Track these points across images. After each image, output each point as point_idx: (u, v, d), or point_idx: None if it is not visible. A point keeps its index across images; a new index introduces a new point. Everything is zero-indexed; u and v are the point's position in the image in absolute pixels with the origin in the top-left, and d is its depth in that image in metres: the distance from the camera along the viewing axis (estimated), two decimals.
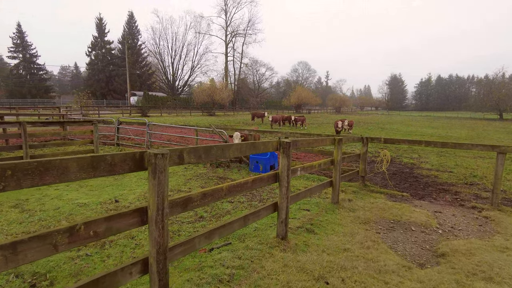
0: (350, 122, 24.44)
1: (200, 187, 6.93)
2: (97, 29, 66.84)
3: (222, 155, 2.87)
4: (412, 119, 57.50)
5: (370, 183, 8.06)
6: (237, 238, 4.07)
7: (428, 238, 4.60)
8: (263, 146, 3.47)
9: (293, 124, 30.00)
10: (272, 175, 3.74)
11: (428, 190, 7.94)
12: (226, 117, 43.74)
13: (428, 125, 38.93)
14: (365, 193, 7.08)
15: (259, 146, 3.39)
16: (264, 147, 3.49)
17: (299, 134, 8.39)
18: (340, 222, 4.96)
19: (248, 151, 3.25)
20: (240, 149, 3.11)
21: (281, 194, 3.85)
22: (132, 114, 38.05)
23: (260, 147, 3.41)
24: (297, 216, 5.07)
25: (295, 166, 4.28)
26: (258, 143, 3.39)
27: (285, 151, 3.72)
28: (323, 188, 5.51)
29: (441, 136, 23.57)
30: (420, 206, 6.38)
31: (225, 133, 8.79)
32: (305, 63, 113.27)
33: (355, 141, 6.98)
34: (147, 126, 10.71)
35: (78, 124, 9.29)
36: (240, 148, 3.11)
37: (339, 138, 5.59)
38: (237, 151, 3.07)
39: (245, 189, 3.25)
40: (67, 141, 9.81)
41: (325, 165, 5.40)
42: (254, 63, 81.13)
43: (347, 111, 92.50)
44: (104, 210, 5.16)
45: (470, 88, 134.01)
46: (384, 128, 30.89)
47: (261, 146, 3.42)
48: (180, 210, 2.50)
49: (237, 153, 3.08)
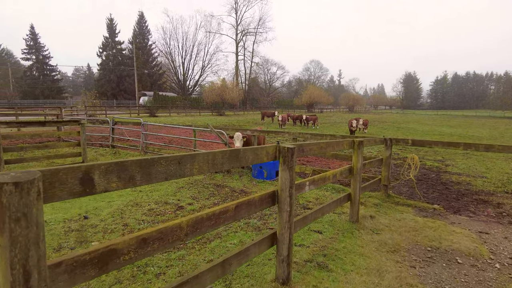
0: (365, 121, 23.10)
1: (191, 197, 5.86)
2: (108, 29, 66.88)
3: (177, 172, 1.78)
4: (428, 118, 55.45)
5: (393, 193, 6.85)
6: (222, 280, 2.97)
7: (484, 277, 3.39)
8: (252, 156, 2.36)
9: (305, 124, 28.73)
10: (267, 195, 2.62)
11: (463, 201, 6.67)
12: (235, 116, 42.73)
13: (446, 124, 37.22)
14: (389, 206, 5.88)
15: (246, 155, 2.29)
16: (254, 157, 2.38)
17: (310, 134, 7.23)
18: (362, 251, 3.80)
19: (226, 163, 2.14)
20: (212, 161, 2.01)
21: (281, 222, 2.73)
22: (140, 114, 37.47)
23: (247, 157, 2.31)
24: (305, 242, 3.93)
25: (303, 180, 3.15)
26: (244, 152, 2.28)
27: (286, 161, 2.61)
28: (339, 204, 4.35)
29: (461, 136, 22.06)
30: (459, 224, 5.14)
31: (225, 133, 7.71)
32: (317, 62, 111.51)
33: (376, 143, 5.78)
34: (142, 126, 9.72)
35: (62, 125, 8.36)
36: (213, 159, 2.01)
37: (359, 140, 4.43)
38: (207, 164, 1.97)
39: (222, 223, 2.14)
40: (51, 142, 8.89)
41: (342, 174, 4.25)
42: (265, 62, 80.00)
43: (360, 110, 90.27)
44: (64, 231, 4.13)
45: (488, 86, 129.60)
46: (400, 127, 29.38)
47: (248, 155, 2.32)
48: (85, 279, 1.39)
49: (206, 167, 1.97)
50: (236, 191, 6.34)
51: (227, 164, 2.12)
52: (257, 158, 2.41)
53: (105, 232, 4.15)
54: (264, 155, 2.49)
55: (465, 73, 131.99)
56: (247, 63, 75.78)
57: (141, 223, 4.49)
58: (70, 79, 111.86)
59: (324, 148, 3.55)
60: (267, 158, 2.53)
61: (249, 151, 2.31)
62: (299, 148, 2.96)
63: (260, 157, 2.46)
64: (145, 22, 70.28)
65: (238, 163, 2.22)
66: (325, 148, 3.59)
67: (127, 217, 4.75)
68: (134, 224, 4.44)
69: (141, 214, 4.89)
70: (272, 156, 2.59)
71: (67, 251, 3.53)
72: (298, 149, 2.93)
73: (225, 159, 2.10)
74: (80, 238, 3.91)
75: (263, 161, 2.49)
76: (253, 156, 2.36)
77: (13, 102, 55.69)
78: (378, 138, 5.80)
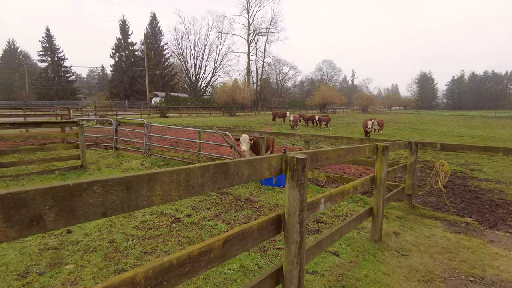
0: (380, 122, 22.18)
1: (191, 207, 5.26)
2: (121, 31, 67.36)
3: (124, 204, 1.16)
4: (444, 118, 53.77)
5: (417, 203, 6.10)
6: None
7: None
8: (248, 170, 1.73)
9: (317, 125, 27.91)
10: (270, 221, 1.98)
11: (498, 213, 5.87)
12: (246, 117, 42.17)
13: (464, 124, 35.81)
14: (414, 219, 5.15)
15: (239, 171, 1.66)
16: (251, 172, 1.75)
17: (323, 137, 6.55)
18: (389, 281, 3.11)
19: (209, 184, 1.51)
20: (185, 182, 1.39)
21: (288, 256, 2.08)
22: (151, 115, 37.35)
23: (241, 173, 1.68)
24: (319, 269, 3.26)
25: (316, 197, 2.49)
26: (237, 165, 1.66)
27: (296, 176, 1.97)
28: (359, 221, 3.67)
29: (482, 137, 20.90)
30: (499, 243, 4.39)
31: (230, 135, 7.10)
32: (330, 62, 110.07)
33: (401, 147, 5.06)
34: (144, 128, 9.21)
35: (60, 126, 7.92)
36: (187, 179, 1.39)
37: (383, 145, 3.74)
38: (177, 188, 1.34)
39: (204, 268, 1.51)
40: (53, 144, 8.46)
41: (364, 186, 3.57)
42: (277, 62, 79.34)
43: (374, 110, 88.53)
44: (39, 249, 3.59)
45: (508, 85, 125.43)
46: (416, 128, 28.28)
47: (243, 170, 1.69)
48: None
49: (176, 192, 1.35)
50: (241, 200, 5.72)
51: (210, 185, 1.50)
52: (255, 173, 1.78)
53: (85, 251, 3.58)
54: (265, 168, 1.86)
55: (483, 72, 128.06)
56: (259, 63, 75.37)
57: (129, 240, 3.92)
58: (85, 81, 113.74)
59: (343, 156, 2.89)
60: (270, 173, 1.90)
61: (243, 164, 1.68)
62: (313, 157, 2.31)
63: (260, 172, 1.83)
64: (158, 23, 70.49)
65: (227, 182, 1.60)
66: (344, 156, 2.93)
67: (115, 231, 4.18)
68: (121, 241, 3.87)
69: (132, 228, 4.32)
70: (277, 170, 1.96)
71: (34, 277, 2.97)
72: (312, 159, 2.28)
73: (207, 178, 1.48)
74: (55, 259, 3.36)
75: (265, 176, 1.87)
76: (249, 171, 1.74)
77: (29, 103, 56.64)
78: (402, 142, 5.09)
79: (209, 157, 7.95)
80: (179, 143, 13.03)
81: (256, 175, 1.78)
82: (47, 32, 66.71)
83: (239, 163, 1.65)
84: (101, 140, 13.87)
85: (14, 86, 67.77)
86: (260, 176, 1.82)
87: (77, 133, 8.00)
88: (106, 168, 8.67)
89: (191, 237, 4.04)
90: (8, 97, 65.48)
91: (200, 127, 19.97)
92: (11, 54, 75.59)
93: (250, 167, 1.73)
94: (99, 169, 8.43)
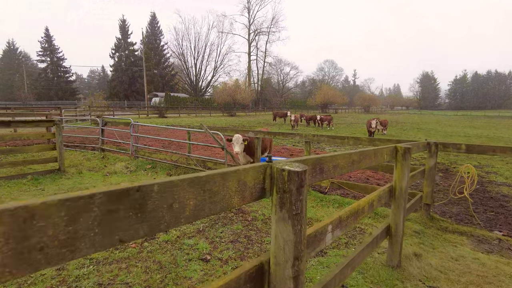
0: (384, 122, 21.38)
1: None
2: (121, 30, 66.76)
3: None
4: (448, 118, 52.92)
5: (435, 213, 5.29)
6: None
7: None
8: (197, 199, 0.95)
9: (319, 125, 27.09)
10: (245, 278, 1.18)
11: None
12: (247, 117, 41.39)
13: (468, 124, 34.97)
14: (435, 234, 4.34)
15: (175, 199, 0.87)
16: (202, 202, 0.96)
17: (326, 137, 5.74)
18: None
19: (85, 242, 0.72)
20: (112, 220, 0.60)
21: None
22: (149, 115, 36.62)
23: (181, 205, 0.89)
24: None
25: (320, 225, 1.69)
26: (168, 189, 0.87)
27: (287, 201, 1.18)
28: (375, 246, 2.86)
29: (489, 138, 20.05)
30: None
31: (221, 135, 6.31)
32: (332, 61, 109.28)
33: (420, 149, 4.26)
34: (131, 128, 8.42)
35: (34, 125, 7.15)
36: (113, 216, 0.60)
37: (404, 147, 2.94)
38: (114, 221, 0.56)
39: None
40: (16, 147, 7.69)
41: (381, 200, 2.77)
42: (278, 62, 78.49)
43: (376, 110, 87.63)
44: None
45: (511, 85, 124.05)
46: (420, 128, 27.45)
47: (185, 197, 0.90)
48: None
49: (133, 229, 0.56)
50: (231, 210, 4.92)
51: (87, 243, 0.71)
52: (212, 201, 0.99)
53: (21, 284, 2.79)
54: (233, 191, 1.07)
55: (486, 72, 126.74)
56: (260, 63, 74.63)
57: (85, 265, 3.12)
58: (85, 81, 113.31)
59: (357, 163, 2.09)
60: (242, 198, 1.11)
61: (185, 187, 0.89)
62: (315, 167, 1.52)
63: (222, 198, 1.03)
64: (157, 23, 69.80)
65: (139, 229, 0.81)
66: (359, 163, 2.13)
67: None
68: (73, 267, 3.08)
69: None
70: (255, 191, 1.17)
71: None
72: (314, 170, 1.49)
73: (85, 226, 0.69)
74: None
75: (232, 206, 1.08)
76: (198, 200, 0.94)
77: (28, 103, 56.00)
78: (421, 143, 4.28)
79: (199, 160, 7.16)
80: (171, 144, 12.25)
81: (214, 205, 1.00)
82: (46, 32, 66.18)
83: (173, 185, 0.86)
84: (90, 141, 13.12)
85: (13, 87, 67.20)
86: (223, 206, 1.04)
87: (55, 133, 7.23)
88: (88, 171, 7.90)
89: (163, 262, 3.24)
90: (8, 98, 64.90)
91: (193, 127, 19.19)
92: (11, 55, 75.06)
93: (199, 191, 0.94)
94: (80, 173, 7.65)
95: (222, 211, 1.04)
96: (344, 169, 1.92)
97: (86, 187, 6.44)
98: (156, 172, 7.58)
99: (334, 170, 1.77)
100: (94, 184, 6.73)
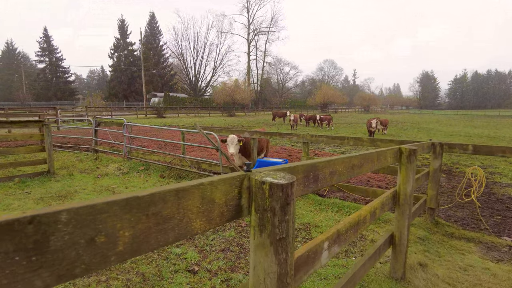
0: (384, 121, 21.12)
1: None
2: (119, 30, 66.51)
3: None
4: (448, 118, 52.67)
5: (440, 218, 5.02)
6: None
7: None
8: (136, 229, 0.68)
9: (318, 124, 26.83)
10: None
11: None
12: (246, 117, 41.14)
13: (469, 124, 34.73)
14: (441, 241, 4.08)
15: (102, 229, 0.61)
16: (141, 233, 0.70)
17: (325, 137, 5.48)
18: None
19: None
20: None
21: None
22: (148, 115, 36.35)
23: (113, 239, 0.63)
24: None
25: (314, 243, 1.43)
26: (77, 217, 0.60)
27: (268, 222, 0.91)
28: (377, 257, 2.60)
29: (491, 137, 19.80)
30: None
31: (216, 136, 6.04)
32: (331, 61, 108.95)
33: (424, 150, 4.00)
34: (124, 128, 8.16)
35: (22, 125, 6.88)
36: None
37: (410, 148, 2.67)
38: None
39: None
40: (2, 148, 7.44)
41: (384, 207, 2.51)
42: (277, 62, 78.26)
43: (376, 110, 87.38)
44: None
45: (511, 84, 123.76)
46: (420, 128, 27.19)
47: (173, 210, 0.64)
48: None
49: None
50: None
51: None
52: (162, 229, 0.73)
53: None
54: (194, 213, 0.80)
55: (486, 71, 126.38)
56: (259, 63, 74.42)
57: None
58: (85, 81, 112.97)
59: (358, 168, 1.83)
60: (207, 221, 0.84)
61: (116, 212, 0.63)
62: (308, 175, 1.25)
63: (179, 223, 0.77)
64: (156, 23, 69.55)
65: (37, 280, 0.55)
66: (360, 168, 1.87)
67: None
68: None
69: None
70: (227, 211, 0.91)
71: None
72: (306, 180, 1.23)
73: None
74: None
75: (191, 232, 0.81)
76: (138, 230, 0.68)
77: (26, 103, 55.73)
78: (425, 143, 4.02)
79: (193, 161, 6.89)
80: (167, 145, 11.98)
81: (163, 234, 0.73)
82: (44, 32, 65.96)
83: (95, 211, 0.60)
84: (85, 142, 12.85)
85: (12, 87, 66.93)
86: (179, 234, 0.77)
87: (44, 134, 6.97)
88: (79, 173, 7.63)
89: (147, 274, 2.98)
90: (6, 99, 64.66)
91: (186, 127, 18.93)
92: (10, 55, 74.79)
93: (139, 217, 0.68)
94: (71, 175, 7.39)
95: (177, 240, 0.78)
96: (343, 175, 1.65)
97: (75, 190, 6.18)
98: (149, 174, 7.32)
99: (331, 177, 1.51)
100: (84, 186, 6.47)
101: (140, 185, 6.61)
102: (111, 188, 6.34)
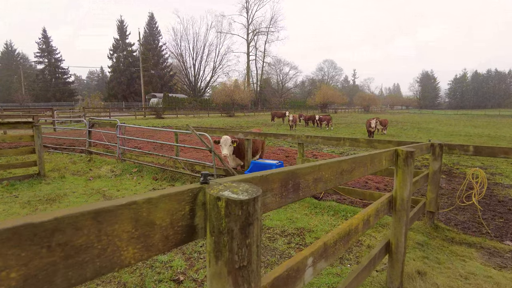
0: (384, 121, 20.96)
1: None
2: (119, 31, 66.35)
3: None
4: (448, 118, 52.50)
5: (440, 221, 4.85)
6: None
7: None
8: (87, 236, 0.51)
9: (318, 125, 26.67)
10: None
11: None
12: (245, 118, 40.98)
13: (469, 124, 34.57)
14: (441, 246, 3.91)
15: None
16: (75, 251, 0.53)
17: (321, 138, 5.32)
18: None
19: None
20: None
21: None
22: (147, 116, 36.20)
23: None
24: None
25: (295, 260, 1.27)
26: None
27: (223, 249, 0.75)
28: (372, 266, 2.43)
29: (491, 137, 19.65)
30: None
31: (209, 137, 5.88)
32: (331, 61, 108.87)
33: (423, 151, 3.83)
34: (117, 129, 7.99)
35: (9, 127, 6.72)
36: None
37: (406, 151, 2.51)
38: None
39: None
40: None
41: (379, 214, 2.34)
42: (277, 62, 78.11)
43: (376, 110, 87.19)
44: None
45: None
46: (420, 128, 27.03)
47: (92, 238, 0.47)
48: None
49: None
50: None
51: None
52: (69, 268, 0.57)
53: None
54: (124, 240, 0.64)
55: (486, 71, 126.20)
56: (259, 63, 74.29)
57: None
58: (84, 82, 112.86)
59: (348, 173, 1.66)
60: (144, 250, 0.68)
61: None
62: (287, 183, 1.09)
63: (103, 257, 0.61)
64: (156, 23, 69.40)
65: None
66: (350, 173, 1.70)
67: None
68: None
69: None
70: (177, 234, 0.74)
71: None
72: (284, 188, 1.06)
73: None
74: None
75: (123, 263, 0.66)
76: (24, 273, 0.52)
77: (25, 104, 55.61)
78: (424, 144, 3.85)
79: (187, 163, 6.73)
80: (163, 146, 11.82)
81: (77, 269, 0.56)
82: (43, 33, 65.85)
83: None
84: (80, 143, 12.69)
85: (11, 88, 66.78)
86: (102, 267, 0.60)
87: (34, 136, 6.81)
88: (71, 176, 7.48)
89: (129, 284, 2.81)
90: (5, 100, 64.54)
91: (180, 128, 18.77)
92: (9, 56, 74.68)
93: (37, 250, 0.51)
94: (62, 177, 7.23)
95: (100, 275, 0.61)
96: (330, 182, 1.49)
97: (65, 193, 6.02)
98: (142, 176, 7.15)
99: (315, 185, 1.34)
100: (74, 189, 6.30)
101: (132, 188, 6.44)
102: (102, 191, 6.18)
